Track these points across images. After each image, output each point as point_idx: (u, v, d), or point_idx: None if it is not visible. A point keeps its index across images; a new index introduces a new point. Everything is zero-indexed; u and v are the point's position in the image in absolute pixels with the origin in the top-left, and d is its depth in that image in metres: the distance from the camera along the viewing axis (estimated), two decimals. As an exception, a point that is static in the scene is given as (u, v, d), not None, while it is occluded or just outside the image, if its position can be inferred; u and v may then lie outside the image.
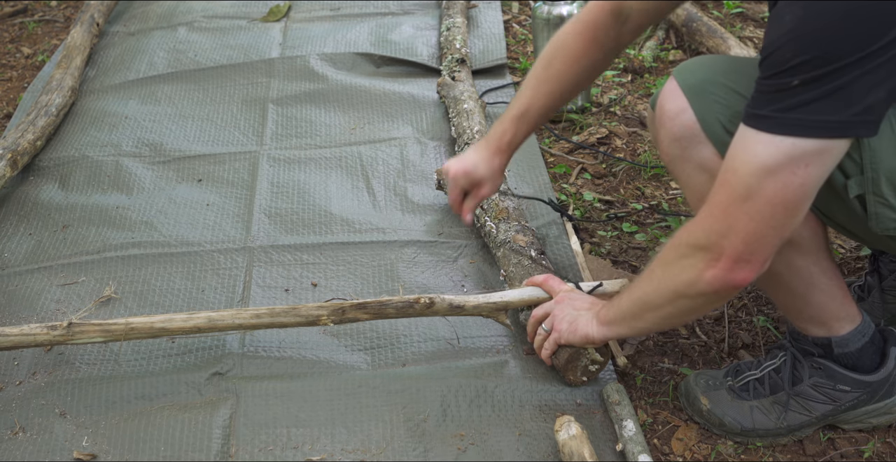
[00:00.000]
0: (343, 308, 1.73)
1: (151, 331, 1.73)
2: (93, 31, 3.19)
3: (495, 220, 2.02)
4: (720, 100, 1.37)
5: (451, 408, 1.68)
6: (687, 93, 1.39)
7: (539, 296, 1.74)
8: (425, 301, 1.73)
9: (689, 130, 1.39)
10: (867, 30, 1.11)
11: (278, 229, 2.22)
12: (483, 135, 2.35)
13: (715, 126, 1.37)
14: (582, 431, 1.53)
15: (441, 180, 2.24)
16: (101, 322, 1.73)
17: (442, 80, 2.67)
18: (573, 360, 1.66)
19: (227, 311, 1.74)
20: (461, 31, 2.96)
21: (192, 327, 1.73)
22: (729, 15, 3.23)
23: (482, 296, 1.76)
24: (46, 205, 2.38)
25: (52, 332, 1.72)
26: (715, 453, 1.58)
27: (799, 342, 1.56)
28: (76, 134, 2.70)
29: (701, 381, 1.64)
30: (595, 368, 1.67)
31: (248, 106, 2.80)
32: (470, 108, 2.48)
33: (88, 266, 2.13)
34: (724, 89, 1.37)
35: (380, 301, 1.74)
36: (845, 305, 1.51)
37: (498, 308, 1.75)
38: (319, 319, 1.73)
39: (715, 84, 1.38)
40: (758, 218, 1.24)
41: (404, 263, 2.07)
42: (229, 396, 1.73)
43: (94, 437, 1.66)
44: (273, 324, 1.74)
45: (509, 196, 2.10)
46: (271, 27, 3.27)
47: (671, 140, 1.43)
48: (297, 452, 1.60)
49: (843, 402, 1.54)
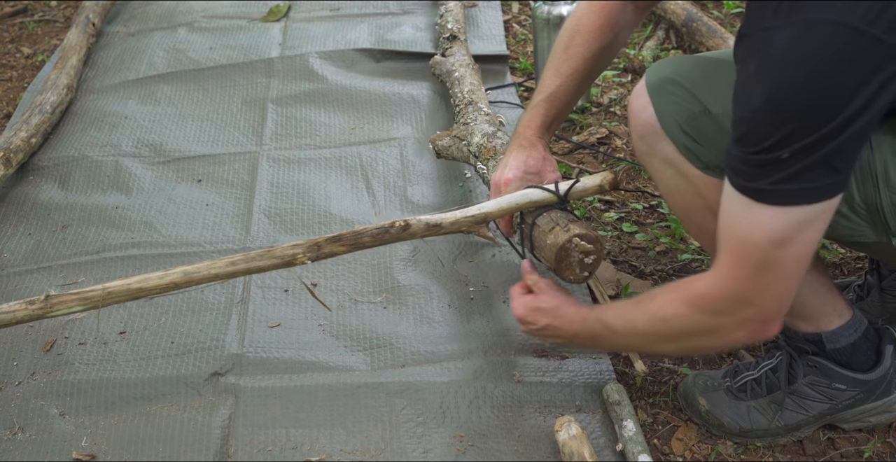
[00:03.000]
0: (318, 243, 1.64)
1: (129, 292, 1.65)
2: (89, 31, 3.19)
3: (484, 161, 2.00)
4: (678, 100, 1.39)
5: (450, 409, 1.67)
6: (649, 90, 1.42)
7: (518, 202, 1.65)
8: (400, 224, 1.64)
9: (651, 127, 1.42)
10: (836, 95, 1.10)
11: (278, 229, 2.22)
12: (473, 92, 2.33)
13: (672, 125, 1.39)
14: (582, 431, 1.53)
15: (435, 148, 2.24)
16: (77, 291, 1.65)
17: (433, 60, 2.67)
18: (563, 258, 1.58)
19: (202, 263, 1.65)
20: (453, 14, 2.95)
21: (168, 284, 1.65)
22: (729, 15, 3.23)
23: (459, 211, 1.65)
24: (46, 205, 2.38)
25: (31, 307, 1.65)
26: (715, 453, 1.58)
27: (793, 340, 1.56)
28: (76, 134, 2.70)
29: (699, 381, 1.64)
30: (591, 259, 1.59)
31: (248, 106, 2.79)
32: (461, 75, 2.48)
33: (88, 266, 2.13)
34: (681, 90, 1.39)
35: (355, 231, 1.64)
36: (830, 300, 1.51)
37: (477, 221, 1.66)
38: (296, 258, 1.64)
39: (674, 84, 1.40)
40: (785, 278, 1.26)
41: (404, 263, 2.07)
42: (228, 397, 1.73)
43: (93, 437, 1.66)
44: (249, 269, 1.65)
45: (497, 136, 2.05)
46: (271, 27, 3.27)
47: (637, 136, 1.46)
48: (295, 453, 1.60)
49: (840, 400, 1.54)
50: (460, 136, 2.15)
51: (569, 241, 1.56)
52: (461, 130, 2.17)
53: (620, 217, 2.23)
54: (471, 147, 2.09)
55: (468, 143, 2.10)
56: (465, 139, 2.12)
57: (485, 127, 2.12)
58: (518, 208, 1.66)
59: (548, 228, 1.61)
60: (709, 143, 1.36)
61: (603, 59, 1.71)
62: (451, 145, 2.18)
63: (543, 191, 1.64)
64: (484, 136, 2.07)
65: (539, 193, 1.65)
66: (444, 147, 2.21)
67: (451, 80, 2.53)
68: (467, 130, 2.14)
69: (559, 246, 1.57)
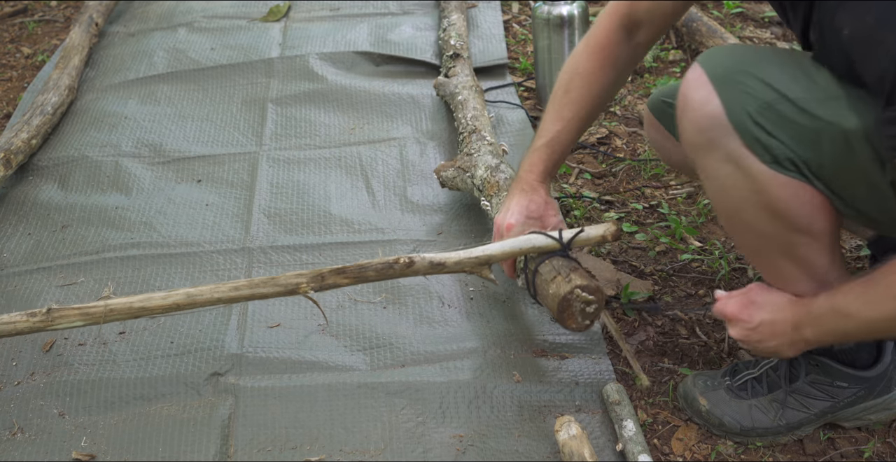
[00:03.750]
0: (322, 274, 1.67)
1: (131, 311, 1.68)
2: (91, 31, 3.19)
3: (488, 197, 2.00)
4: (748, 90, 1.34)
5: (450, 409, 1.67)
6: (715, 82, 1.36)
7: (521, 246, 1.69)
8: (405, 261, 1.67)
9: (715, 120, 1.36)
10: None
11: (278, 230, 2.22)
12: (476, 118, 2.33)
13: (741, 116, 1.34)
14: (582, 431, 1.53)
15: (440, 178, 2.24)
16: (80, 306, 1.68)
17: (437, 81, 2.67)
18: (565, 309, 1.61)
19: (206, 286, 1.68)
20: (456, 28, 2.95)
21: (171, 305, 1.68)
22: (729, 15, 3.23)
23: (463, 251, 1.70)
24: (46, 205, 2.38)
25: (32, 319, 1.68)
26: (715, 453, 1.57)
27: None
28: (75, 134, 2.70)
29: (699, 381, 1.64)
30: (593, 309, 1.62)
31: (248, 106, 2.79)
32: (464, 98, 2.47)
33: (87, 266, 2.13)
34: (752, 79, 1.34)
35: (359, 264, 1.67)
36: None
37: (480, 263, 1.70)
38: (299, 287, 1.67)
39: (743, 73, 1.35)
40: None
41: (404, 263, 2.07)
42: (228, 397, 1.72)
43: (93, 437, 1.66)
44: (253, 295, 1.68)
45: (500, 169, 2.06)
46: (271, 27, 3.27)
47: (696, 129, 1.39)
48: (295, 453, 1.60)
49: (841, 398, 1.54)
50: (464, 168, 2.15)
51: (570, 292, 1.61)
52: (465, 161, 2.16)
53: (620, 217, 2.22)
54: (474, 180, 2.09)
55: (472, 176, 2.10)
56: (469, 171, 2.12)
57: (488, 158, 2.11)
58: (521, 253, 1.71)
59: (550, 277, 1.65)
60: (783, 133, 1.32)
61: (603, 99, 1.73)
62: (456, 177, 2.18)
63: (547, 237, 1.69)
64: (487, 169, 2.07)
65: (542, 240, 1.69)
66: (448, 178, 2.21)
67: (454, 102, 2.51)
68: (471, 162, 2.14)
69: (561, 297, 1.61)
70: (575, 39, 2.57)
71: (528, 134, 2.53)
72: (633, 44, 1.67)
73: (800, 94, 1.31)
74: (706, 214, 2.20)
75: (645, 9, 1.62)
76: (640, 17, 1.63)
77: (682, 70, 2.90)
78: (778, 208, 1.35)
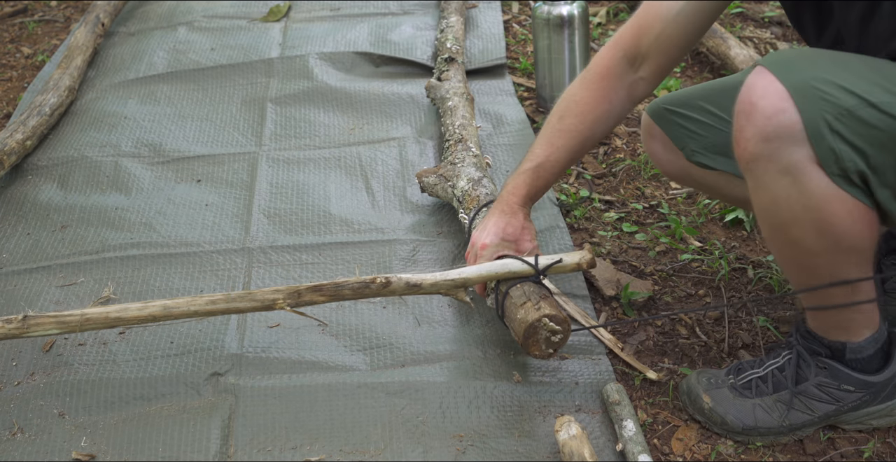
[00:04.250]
0: (299, 291, 1.69)
1: (107, 321, 1.69)
2: (97, 32, 3.19)
3: (467, 211, 2.00)
4: (827, 98, 1.29)
5: (450, 408, 1.67)
6: (793, 92, 1.30)
7: (497, 271, 1.71)
8: (381, 281, 1.69)
9: (786, 130, 1.31)
10: None
11: (277, 230, 2.22)
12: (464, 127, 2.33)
13: (819, 125, 1.29)
14: (582, 431, 1.53)
15: (421, 184, 2.23)
16: (56, 314, 1.69)
17: (429, 83, 2.66)
18: (531, 335, 1.63)
19: (183, 299, 1.70)
20: (454, 31, 2.95)
21: (147, 316, 1.69)
22: (729, 15, 3.23)
23: (440, 273, 1.72)
24: (45, 205, 2.38)
25: (7, 326, 1.68)
26: (715, 453, 1.57)
27: (808, 341, 1.55)
28: (75, 134, 2.70)
29: (703, 379, 1.64)
30: (558, 338, 1.64)
31: (248, 106, 2.79)
32: (454, 105, 2.47)
33: (87, 266, 2.12)
34: (830, 86, 1.30)
35: (336, 282, 1.69)
36: (873, 314, 1.50)
37: (456, 285, 1.72)
38: (275, 303, 1.69)
39: (822, 81, 1.30)
40: None
41: (403, 263, 2.07)
42: (228, 397, 1.72)
43: (93, 437, 1.66)
44: (228, 309, 1.70)
45: (483, 183, 2.06)
46: (271, 27, 3.27)
47: (762, 138, 1.33)
48: (295, 453, 1.60)
49: (846, 402, 1.54)
50: (446, 176, 2.14)
51: (538, 320, 1.63)
52: (448, 170, 2.16)
53: (620, 217, 2.22)
54: (455, 190, 2.08)
55: (453, 186, 2.10)
56: (451, 180, 2.12)
57: (471, 170, 2.10)
58: (497, 277, 1.73)
59: (519, 302, 1.67)
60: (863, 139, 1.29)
61: (597, 132, 1.72)
62: (437, 184, 2.17)
63: (523, 263, 1.71)
64: (469, 182, 2.06)
65: (518, 265, 1.72)
66: (429, 184, 2.20)
67: (444, 108, 2.50)
68: (454, 171, 2.13)
69: (528, 323, 1.63)
70: (575, 39, 2.58)
71: (528, 134, 2.53)
72: (634, 77, 1.65)
73: (882, 97, 1.28)
74: (706, 214, 2.20)
75: (652, 38, 1.59)
76: (645, 49, 1.61)
77: (682, 70, 2.90)
78: (829, 225, 1.34)
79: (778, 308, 1.89)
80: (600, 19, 3.28)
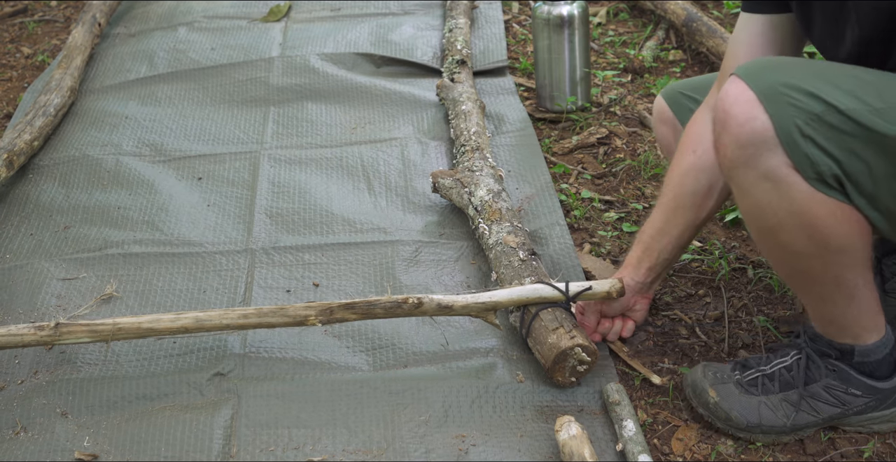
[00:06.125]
0: (331, 308, 1.72)
1: (139, 331, 1.73)
2: (94, 31, 3.19)
3: (488, 222, 2.02)
4: (797, 103, 1.32)
5: (452, 409, 1.68)
6: (762, 98, 1.33)
7: (528, 296, 1.73)
8: (413, 301, 1.72)
9: (759, 137, 1.33)
10: None
11: (279, 230, 2.23)
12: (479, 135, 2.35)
13: (790, 130, 1.32)
14: (582, 431, 1.53)
15: (436, 183, 2.24)
16: (88, 322, 1.73)
17: (441, 82, 2.67)
18: (560, 362, 1.66)
19: (215, 312, 1.74)
20: (463, 32, 2.96)
21: (179, 327, 1.73)
22: (729, 15, 3.24)
23: (471, 296, 1.75)
24: (47, 205, 2.38)
25: (40, 333, 1.72)
26: (715, 453, 1.58)
27: (817, 343, 1.55)
28: (77, 134, 2.71)
29: (709, 373, 1.63)
30: (584, 369, 1.67)
31: (249, 106, 2.80)
32: (468, 110, 2.48)
33: (90, 263, 2.13)
34: (799, 92, 1.32)
35: (368, 301, 1.73)
36: (877, 316, 1.51)
37: (487, 308, 1.74)
38: (307, 319, 1.72)
39: (790, 87, 1.33)
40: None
41: (406, 263, 2.08)
42: (231, 397, 1.73)
43: (96, 437, 1.67)
44: (261, 324, 1.74)
45: (502, 197, 2.09)
46: (271, 27, 3.27)
47: (738, 145, 1.36)
48: (298, 453, 1.60)
49: (852, 406, 1.54)
50: (463, 182, 2.16)
51: (571, 348, 1.65)
52: (466, 176, 2.17)
53: (620, 217, 2.23)
54: (473, 198, 2.10)
55: (470, 193, 2.11)
56: (468, 187, 2.13)
57: (490, 181, 2.13)
58: (527, 302, 1.75)
59: (551, 327, 1.69)
60: (833, 145, 1.31)
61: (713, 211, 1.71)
62: (453, 188, 2.18)
63: (554, 289, 1.73)
64: (489, 192, 2.08)
65: (549, 291, 1.74)
66: (444, 186, 2.21)
67: (456, 110, 2.52)
68: (472, 179, 2.15)
69: (560, 350, 1.65)
70: (575, 39, 2.58)
71: (530, 133, 2.54)
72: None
73: (850, 105, 1.30)
74: (706, 215, 2.21)
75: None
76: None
77: (682, 70, 2.91)
78: (815, 228, 1.36)
79: (778, 308, 1.90)
80: (600, 19, 3.29)
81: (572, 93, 2.66)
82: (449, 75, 2.70)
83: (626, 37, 3.15)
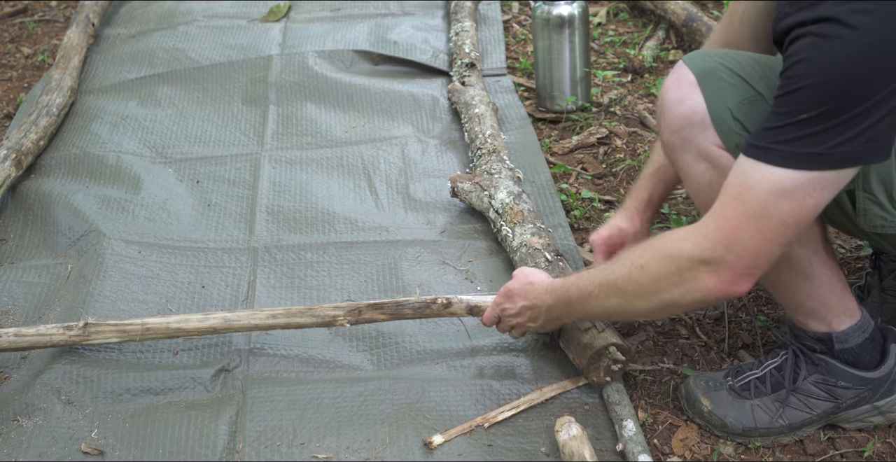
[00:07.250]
0: (360, 308, 1.74)
1: (167, 331, 1.75)
2: (89, 32, 3.20)
3: (510, 225, 2.02)
4: (730, 87, 1.37)
5: (455, 407, 1.68)
6: (699, 78, 1.39)
7: None
8: (442, 301, 1.74)
9: (689, 119, 1.39)
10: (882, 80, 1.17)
11: (282, 229, 2.23)
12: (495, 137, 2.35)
13: (722, 112, 1.37)
14: (582, 432, 1.54)
15: (455, 188, 2.24)
16: (116, 323, 1.75)
17: (452, 86, 2.68)
18: (595, 361, 1.65)
19: (244, 312, 1.76)
20: (470, 35, 2.96)
21: (208, 328, 1.75)
22: (728, 15, 3.23)
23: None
24: (49, 205, 2.38)
25: (69, 333, 1.74)
26: (715, 454, 1.58)
27: (800, 339, 1.56)
28: (78, 134, 2.70)
29: (701, 382, 1.65)
30: (618, 368, 1.66)
31: (249, 106, 2.80)
32: (482, 112, 2.48)
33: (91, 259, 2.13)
34: (733, 76, 1.38)
35: (397, 301, 1.75)
36: (845, 299, 1.52)
37: None
38: (336, 320, 1.75)
39: (726, 71, 1.38)
40: (769, 235, 1.27)
41: (408, 262, 2.08)
42: (236, 393, 1.74)
43: (101, 431, 1.67)
44: (289, 324, 1.76)
45: (523, 199, 2.09)
46: (271, 27, 3.27)
47: (671, 130, 1.43)
48: (302, 450, 1.61)
49: (844, 399, 1.55)
50: (483, 185, 2.16)
51: (605, 347, 1.65)
52: (485, 179, 2.18)
53: (621, 217, 2.23)
54: (493, 201, 2.10)
55: (490, 196, 2.12)
56: (488, 190, 2.14)
57: (509, 183, 2.14)
58: None
59: (583, 327, 1.69)
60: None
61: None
62: (472, 192, 2.18)
63: None
64: (510, 195, 2.09)
65: None
66: (463, 190, 2.21)
67: (469, 114, 2.52)
68: (491, 182, 2.16)
69: (595, 349, 1.64)
70: (575, 39, 2.58)
71: (530, 132, 2.55)
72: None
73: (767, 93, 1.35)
74: (706, 215, 2.21)
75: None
76: None
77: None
78: None
79: (778, 308, 1.90)
80: (600, 19, 3.29)
81: (572, 93, 2.66)
82: (459, 79, 2.71)
83: (626, 37, 3.15)
